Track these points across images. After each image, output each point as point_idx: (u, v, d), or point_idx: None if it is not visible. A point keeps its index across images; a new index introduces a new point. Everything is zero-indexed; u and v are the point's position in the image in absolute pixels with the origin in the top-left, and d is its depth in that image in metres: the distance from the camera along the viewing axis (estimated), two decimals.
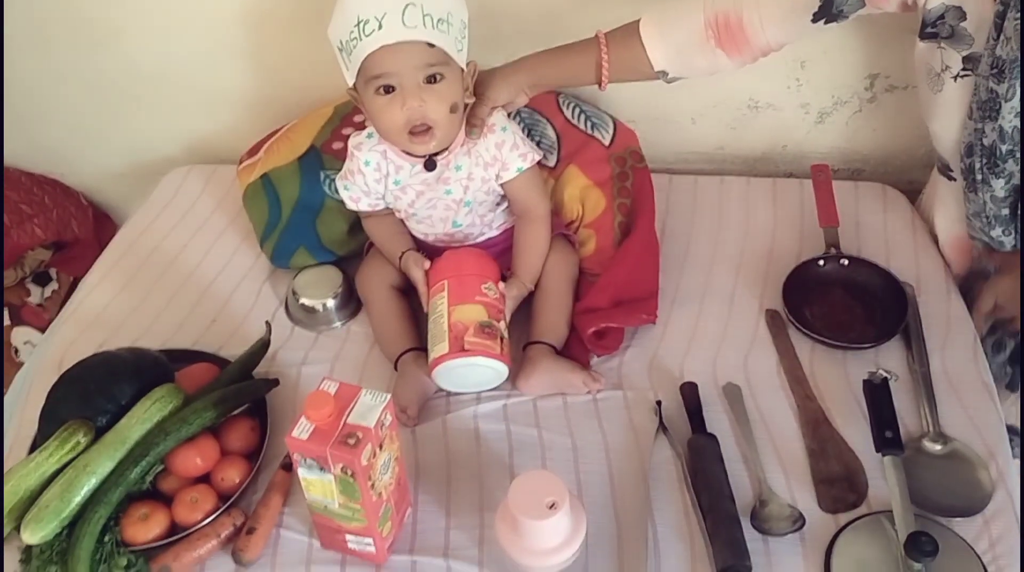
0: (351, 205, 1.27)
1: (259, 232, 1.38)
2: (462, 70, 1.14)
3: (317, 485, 0.96)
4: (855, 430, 1.10)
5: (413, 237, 1.29)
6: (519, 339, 1.21)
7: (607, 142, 1.35)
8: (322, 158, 1.39)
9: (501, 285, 1.20)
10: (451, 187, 1.21)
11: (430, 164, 1.20)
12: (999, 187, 1.10)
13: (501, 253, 1.27)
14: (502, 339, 1.16)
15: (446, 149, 1.19)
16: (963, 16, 1.04)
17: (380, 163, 1.22)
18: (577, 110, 1.37)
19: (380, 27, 1.05)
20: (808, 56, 1.37)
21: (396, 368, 1.21)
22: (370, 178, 1.22)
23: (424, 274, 1.21)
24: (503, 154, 1.20)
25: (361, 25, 1.06)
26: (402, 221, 1.29)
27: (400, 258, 1.24)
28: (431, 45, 1.08)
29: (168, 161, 1.60)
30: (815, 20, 1.09)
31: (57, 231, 1.62)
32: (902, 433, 1.06)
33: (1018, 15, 0.97)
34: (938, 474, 1.05)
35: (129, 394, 1.09)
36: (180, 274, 1.38)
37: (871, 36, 1.34)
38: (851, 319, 1.25)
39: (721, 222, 1.40)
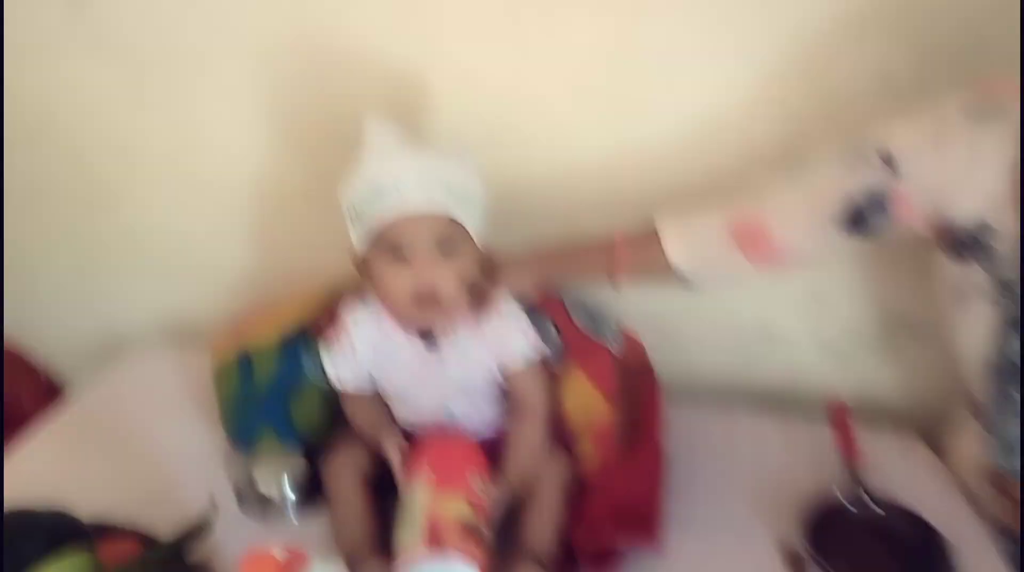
0: (335, 383, 1.16)
1: (224, 409, 1.25)
2: (476, 246, 1.10)
3: None
4: None
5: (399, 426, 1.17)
6: (500, 546, 1.05)
7: (614, 350, 1.26)
8: (308, 339, 1.30)
9: (488, 482, 1.07)
10: (449, 369, 1.12)
11: (430, 340, 1.11)
12: None
13: (490, 454, 1.14)
14: (485, 547, 1.00)
15: (448, 325, 1.12)
16: (993, 234, 1.01)
17: (375, 336, 1.13)
18: (583, 315, 1.30)
19: (398, 195, 1.03)
20: (823, 284, 1.32)
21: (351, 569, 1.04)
22: (361, 352, 1.13)
23: (403, 454, 1.08)
24: (509, 339, 1.12)
25: (377, 191, 1.03)
26: (387, 406, 1.17)
27: (378, 437, 1.11)
28: (448, 216, 1.04)
29: (141, 335, 1.51)
30: (842, 230, 1.06)
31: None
32: None
33: None
34: None
35: (37, 555, 0.92)
36: (127, 448, 1.23)
37: (891, 265, 1.30)
38: (881, 564, 1.09)
39: (732, 456, 1.27)
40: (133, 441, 1.26)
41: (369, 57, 1.22)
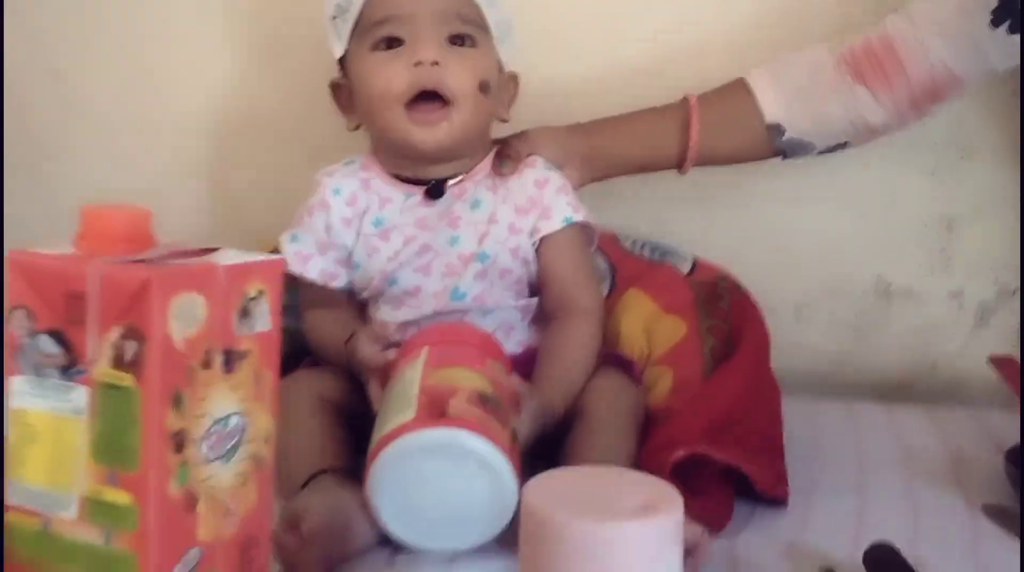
0: (295, 267, 0.80)
1: None
2: (500, 65, 0.81)
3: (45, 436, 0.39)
4: None
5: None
6: None
7: (685, 270, 0.92)
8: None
9: (516, 378, 0.70)
10: (460, 232, 0.79)
11: (435, 190, 0.79)
12: None
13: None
14: (513, 437, 0.62)
15: (462, 175, 0.80)
16: None
17: (358, 194, 0.81)
18: (640, 244, 0.96)
19: None
20: (956, 214, 0.99)
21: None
22: (337, 217, 0.80)
23: (383, 354, 0.72)
24: (545, 196, 0.80)
25: None
26: (364, 310, 0.82)
27: (347, 343, 0.75)
28: None
29: None
30: (995, 24, 0.79)
31: None
32: None
33: None
34: None
35: None
36: None
37: None
38: None
39: (866, 457, 0.87)
40: None
41: None
